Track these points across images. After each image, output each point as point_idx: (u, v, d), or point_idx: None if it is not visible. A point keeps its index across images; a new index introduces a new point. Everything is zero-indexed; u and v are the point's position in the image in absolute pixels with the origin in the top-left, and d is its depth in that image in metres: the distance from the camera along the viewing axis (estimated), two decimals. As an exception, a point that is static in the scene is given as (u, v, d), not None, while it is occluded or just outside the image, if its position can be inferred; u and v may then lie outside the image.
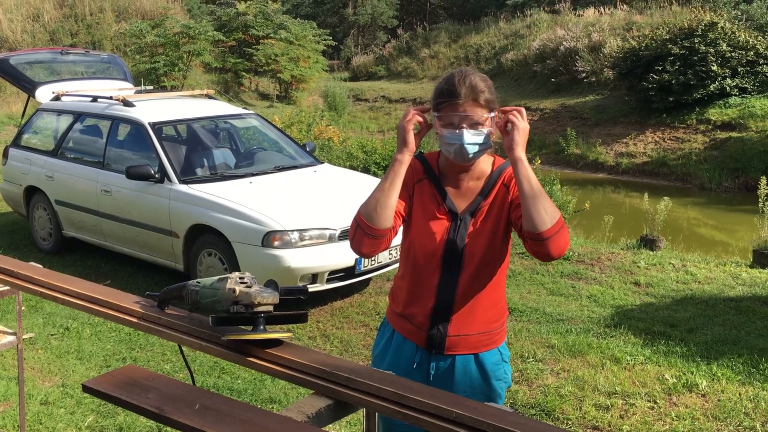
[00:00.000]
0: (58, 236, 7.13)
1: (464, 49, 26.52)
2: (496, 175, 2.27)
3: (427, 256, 2.23)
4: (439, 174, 2.29)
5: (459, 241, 2.21)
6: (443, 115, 2.16)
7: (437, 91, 2.20)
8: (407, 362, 2.31)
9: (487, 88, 2.17)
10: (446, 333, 2.26)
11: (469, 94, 2.13)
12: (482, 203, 2.24)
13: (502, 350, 2.36)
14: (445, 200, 2.25)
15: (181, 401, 1.79)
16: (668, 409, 4.07)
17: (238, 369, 4.54)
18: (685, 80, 15.51)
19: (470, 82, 2.14)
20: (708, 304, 5.90)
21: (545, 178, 9.07)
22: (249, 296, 1.98)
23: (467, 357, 2.29)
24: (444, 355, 2.28)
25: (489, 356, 2.31)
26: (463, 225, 2.22)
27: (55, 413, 3.94)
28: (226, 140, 7.23)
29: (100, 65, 8.89)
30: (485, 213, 2.23)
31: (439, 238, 2.22)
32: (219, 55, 22.43)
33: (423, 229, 2.24)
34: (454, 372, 2.29)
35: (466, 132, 2.13)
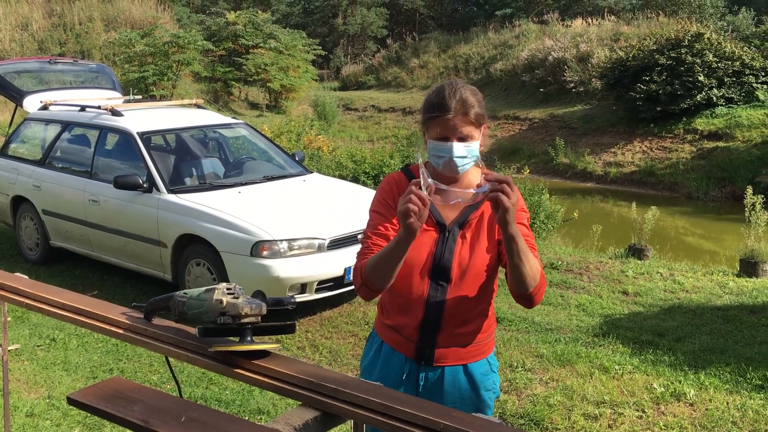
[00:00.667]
0: (45, 246, 7.08)
1: (453, 59, 26.65)
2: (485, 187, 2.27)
3: (416, 268, 2.21)
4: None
5: (447, 253, 2.20)
6: (433, 128, 2.15)
7: (427, 103, 2.20)
8: (396, 374, 2.30)
9: (477, 102, 2.16)
10: (435, 344, 2.25)
11: (460, 108, 2.12)
12: (471, 216, 2.23)
13: (490, 360, 2.36)
14: (433, 213, 2.23)
15: (166, 413, 1.78)
16: (656, 418, 4.08)
17: (226, 380, 4.52)
18: (672, 90, 15.65)
19: (461, 96, 2.13)
20: (695, 313, 5.93)
21: (534, 188, 9.11)
22: (236, 307, 1.97)
23: (456, 368, 2.28)
24: (433, 366, 2.28)
25: (478, 367, 2.30)
26: (451, 237, 2.21)
27: (41, 425, 3.90)
28: (215, 150, 7.22)
29: (88, 74, 8.86)
30: (474, 225, 2.23)
31: (427, 250, 2.21)
32: (208, 64, 22.43)
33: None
34: (443, 383, 2.28)
35: (456, 145, 2.12)
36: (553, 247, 8.37)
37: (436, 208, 2.24)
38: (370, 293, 2.22)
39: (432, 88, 2.24)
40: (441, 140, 2.13)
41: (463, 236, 2.22)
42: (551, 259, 7.46)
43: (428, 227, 2.23)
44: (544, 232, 8.80)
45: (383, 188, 2.32)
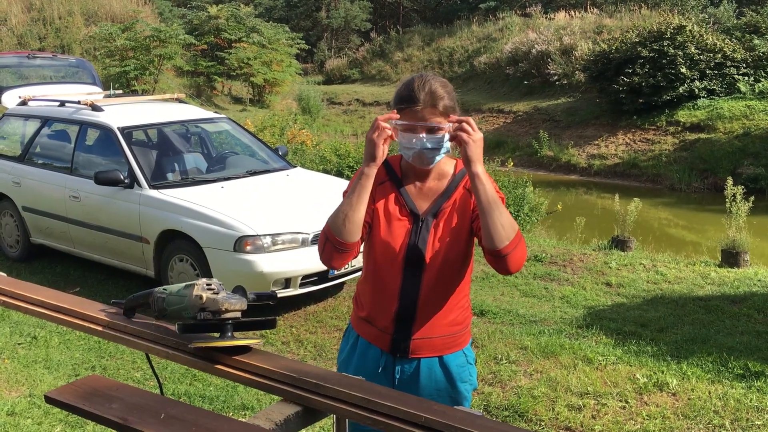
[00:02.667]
0: (25, 243, 7.01)
1: (437, 53, 26.64)
2: (459, 177, 2.27)
3: (389, 259, 2.22)
4: (401, 176, 2.29)
5: (420, 243, 2.20)
6: (402, 121, 2.15)
7: (397, 95, 2.21)
8: (372, 367, 2.30)
9: (446, 94, 2.17)
10: (410, 336, 2.25)
11: (429, 100, 2.14)
12: (444, 205, 2.23)
13: (466, 352, 2.36)
14: (407, 202, 2.24)
15: (145, 411, 1.76)
16: (639, 408, 4.11)
17: (209, 376, 4.49)
18: (655, 82, 15.74)
19: (430, 88, 2.15)
20: (678, 304, 5.98)
21: (518, 181, 9.13)
22: (216, 303, 1.95)
23: (432, 360, 2.28)
24: (408, 358, 2.28)
25: (454, 358, 2.30)
26: (425, 227, 2.22)
27: (22, 424, 3.86)
28: (197, 145, 7.17)
29: (68, 69, 8.77)
30: (447, 214, 2.23)
31: (400, 240, 2.21)
32: (191, 58, 22.26)
33: (385, 231, 2.23)
34: (419, 375, 2.28)
35: (425, 137, 2.13)
36: (537, 239, 8.39)
37: (410, 198, 2.25)
38: (333, 251, 2.16)
39: (402, 82, 2.25)
40: (410, 132, 2.14)
41: (436, 225, 2.22)
42: (535, 252, 7.49)
43: (402, 217, 2.23)
44: (529, 224, 8.83)
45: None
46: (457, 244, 2.23)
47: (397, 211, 2.24)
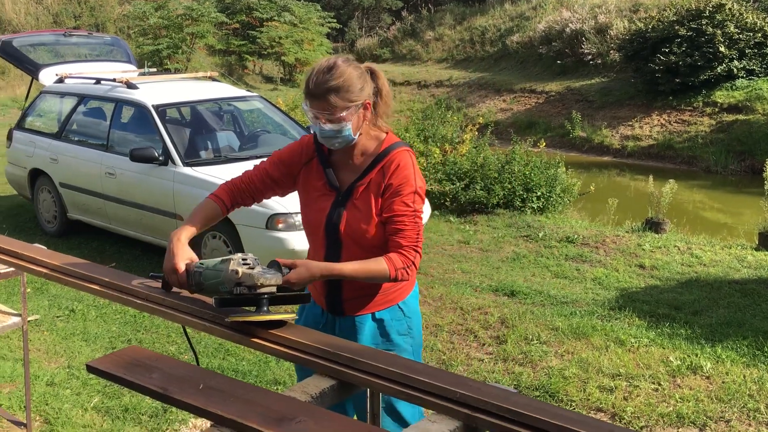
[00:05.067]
0: (62, 219, 7.14)
1: (469, 32, 26.34)
2: (379, 158, 2.31)
3: (314, 230, 2.35)
4: (329, 152, 2.37)
5: (336, 218, 2.30)
6: (306, 106, 2.25)
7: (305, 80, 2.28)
8: (315, 323, 2.41)
9: (344, 86, 2.19)
10: (341, 297, 2.37)
11: (322, 93, 2.17)
12: (357, 183, 2.31)
13: (402, 306, 2.43)
14: (329, 178, 2.34)
15: (184, 381, 1.80)
16: (672, 391, 4.08)
17: (242, 350, 4.55)
18: (692, 62, 15.38)
19: (320, 80, 2.18)
20: (713, 287, 5.89)
21: (550, 161, 9.03)
22: (252, 278, 1.98)
23: (364, 316, 2.38)
24: (344, 316, 2.39)
25: (387, 312, 2.39)
26: (341, 202, 2.31)
27: (61, 394, 3.96)
28: (229, 123, 7.21)
29: (103, 47, 8.86)
30: (360, 193, 2.30)
31: (322, 214, 2.32)
32: (222, 37, 22.32)
33: (311, 205, 2.36)
34: (356, 332, 2.38)
35: (323, 125, 2.21)
36: (569, 220, 8.32)
37: (333, 175, 2.34)
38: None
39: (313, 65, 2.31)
40: (313, 118, 2.23)
41: (351, 203, 2.30)
42: (567, 233, 7.42)
43: (325, 192, 2.34)
44: (560, 205, 8.74)
45: (291, 147, 2.43)
46: (370, 219, 2.28)
47: (321, 186, 2.35)
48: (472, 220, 8.10)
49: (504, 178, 8.37)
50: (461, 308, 5.34)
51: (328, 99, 2.18)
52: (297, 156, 2.39)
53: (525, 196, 8.33)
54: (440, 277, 6.13)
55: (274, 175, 2.40)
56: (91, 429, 3.63)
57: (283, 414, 1.64)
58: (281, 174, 2.40)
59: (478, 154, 8.95)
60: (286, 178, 2.40)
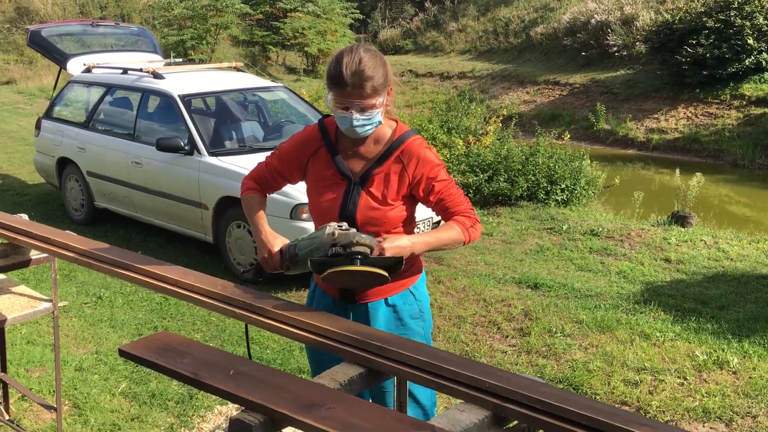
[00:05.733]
0: (90, 207, 7.23)
1: (493, 23, 26.15)
2: (394, 145, 2.34)
3: (328, 217, 2.32)
4: (336, 140, 2.36)
5: (351, 206, 2.31)
6: (333, 98, 2.23)
7: (328, 73, 2.25)
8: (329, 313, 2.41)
9: (375, 73, 2.21)
10: None
11: (357, 82, 2.18)
12: (374, 171, 2.32)
13: (413, 290, 2.45)
14: (340, 167, 2.33)
15: (215, 367, 1.82)
16: (698, 385, 4.04)
17: (267, 339, 4.59)
18: (720, 54, 15.14)
19: (357, 69, 2.17)
20: (740, 282, 5.82)
21: (575, 153, 8.96)
22: (347, 236, 2.06)
23: (378, 302, 2.39)
24: (357, 303, 2.39)
25: (399, 297, 2.41)
26: (356, 190, 2.31)
27: (90, 379, 4.02)
28: (254, 113, 7.24)
29: (129, 38, 8.93)
30: (376, 181, 2.32)
31: (336, 203, 2.32)
32: (246, 28, 22.40)
33: (322, 194, 2.35)
34: (368, 318, 2.39)
35: (355, 115, 2.22)
36: (594, 213, 8.25)
37: (343, 163, 2.34)
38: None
39: (333, 55, 2.28)
40: (341, 110, 2.22)
41: (366, 190, 2.31)
42: (591, 226, 7.37)
43: (336, 181, 2.34)
44: (585, 198, 8.68)
45: (296, 140, 2.43)
46: (389, 210, 2.31)
47: (331, 174, 2.34)
48: (496, 212, 8.06)
49: (528, 170, 8.32)
50: (484, 300, 5.33)
51: (364, 87, 2.18)
52: (303, 147, 2.39)
53: (549, 189, 8.28)
54: (463, 269, 6.12)
55: (281, 169, 2.43)
56: (118, 414, 3.69)
57: (312, 401, 1.66)
58: (289, 168, 2.41)
59: (502, 146, 8.90)
60: (294, 171, 2.41)
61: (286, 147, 2.43)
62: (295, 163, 2.39)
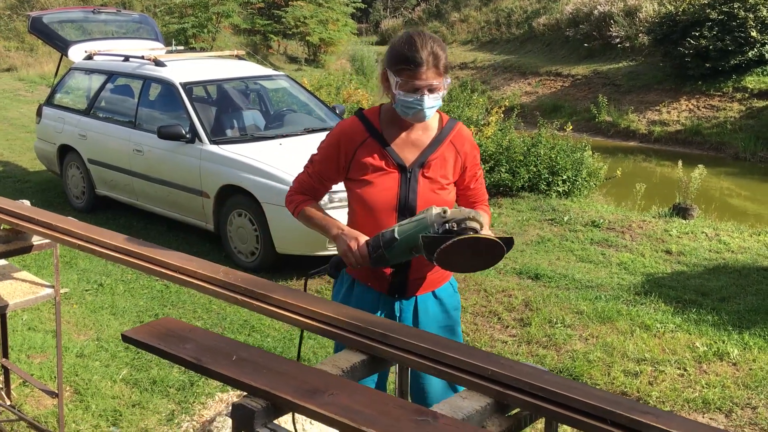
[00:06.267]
0: (90, 195, 7.23)
1: (495, 13, 26.06)
2: (446, 131, 2.39)
3: (385, 210, 2.32)
4: (381, 130, 2.36)
5: (411, 194, 2.32)
6: (404, 80, 2.22)
7: (398, 55, 2.25)
8: (371, 308, 2.39)
9: (444, 54, 2.26)
10: (407, 277, 2.38)
11: (432, 61, 2.21)
12: (430, 157, 2.34)
13: (452, 282, 2.53)
14: (393, 156, 2.34)
15: (218, 352, 1.82)
16: (698, 376, 4.05)
17: (267, 327, 4.60)
18: (723, 46, 15.09)
19: (431, 49, 2.21)
20: (741, 274, 5.82)
21: (576, 145, 8.94)
22: (461, 212, 2.05)
23: (426, 295, 2.43)
24: (407, 298, 2.41)
25: (443, 290, 2.47)
26: (413, 177, 2.33)
27: (91, 365, 4.03)
28: (255, 101, 7.22)
29: (131, 25, 8.90)
30: (433, 167, 2.34)
31: (392, 192, 2.32)
32: (247, 17, 22.30)
33: (376, 185, 2.33)
34: (417, 312, 2.42)
35: (427, 97, 2.22)
36: (595, 205, 8.25)
37: (395, 152, 2.35)
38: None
39: (401, 38, 2.29)
40: (412, 92, 2.23)
41: (423, 176, 2.34)
42: (593, 217, 7.37)
43: (390, 169, 2.33)
44: (586, 189, 8.67)
45: (334, 137, 2.40)
46: (445, 193, 2.37)
47: (383, 164, 2.33)
48: (497, 202, 8.06)
49: (529, 161, 8.31)
50: (485, 290, 5.33)
51: (438, 66, 2.22)
52: (346, 142, 2.35)
53: (550, 180, 8.28)
54: (464, 259, 6.11)
55: (324, 172, 2.41)
56: (120, 400, 3.70)
57: (315, 387, 1.66)
58: (335, 166, 2.38)
59: (504, 137, 8.88)
60: (340, 169, 2.39)
61: (325, 147, 2.41)
62: (341, 160, 2.36)
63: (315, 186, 2.44)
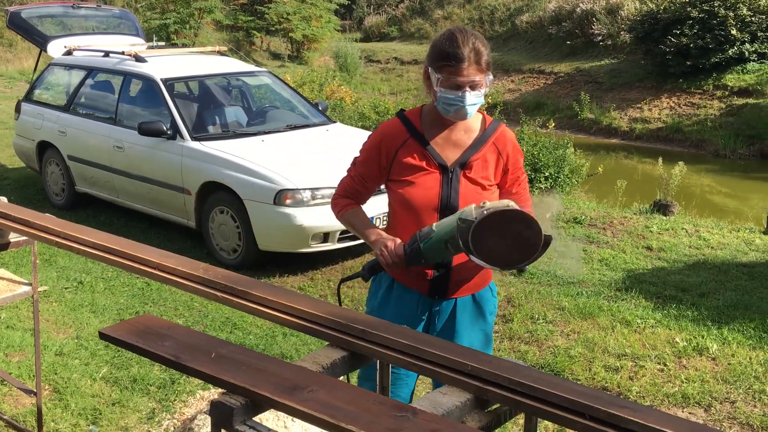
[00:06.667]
0: (70, 192, 7.15)
1: (478, 11, 26.11)
2: (489, 132, 2.37)
3: (426, 210, 2.31)
4: (422, 130, 2.34)
5: (453, 194, 2.31)
6: (445, 77, 2.21)
7: (441, 52, 2.23)
8: (411, 310, 2.40)
9: (486, 51, 2.25)
10: (449, 279, 2.37)
11: (474, 57, 2.20)
12: (472, 157, 2.33)
13: (491, 286, 2.51)
14: (435, 156, 2.32)
15: (197, 349, 1.80)
16: (678, 371, 4.09)
17: (249, 324, 4.58)
18: (704, 44, 15.23)
19: (473, 46, 2.20)
20: (720, 270, 5.88)
21: (558, 142, 8.99)
22: (501, 202, 2.05)
23: (466, 298, 2.42)
24: (447, 299, 2.40)
25: (483, 293, 2.46)
26: (455, 177, 2.32)
27: (70, 364, 3.99)
28: (238, 98, 7.19)
29: (111, 20, 8.81)
30: (475, 167, 2.33)
31: (434, 192, 2.31)
32: (230, 12, 22.17)
33: (418, 185, 2.32)
34: (455, 313, 2.41)
35: (469, 94, 2.22)
36: (577, 201, 8.30)
37: (435, 151, 2.33)
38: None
39: (443, 35, 2.28)
40: (454, 89, 2.21)
41: (465, 176, 2.33)
42: (575, 214, 7.41)
43: (431, 169, 2.32)
44: (569, 186, 8.72)
45: (376, 139, 2.40)
46: (487, 195, 2.33)
47: (425, 164, 2.32)
48: (479, 199, 8.08)
49: (512, 158, 8.33)
50: (468, 287, 5.34)
51: (480, 62, 2.21)
52: (387, 143, 2.35)
53: (533, 176, 8.31)
54: (447, 256, 6.13)
55: (368, 174, 2.42)
56: (99, 398, 3.66)
57: (295, 383, 1.65)
58: (377, 168, 2.39)
59: (487, 134, 8.90)
60: (382, 171, 2.39)
61: (366, 150, 2.42)
62: (383, 161, 2.36)
63: (358, 189, 2.46)
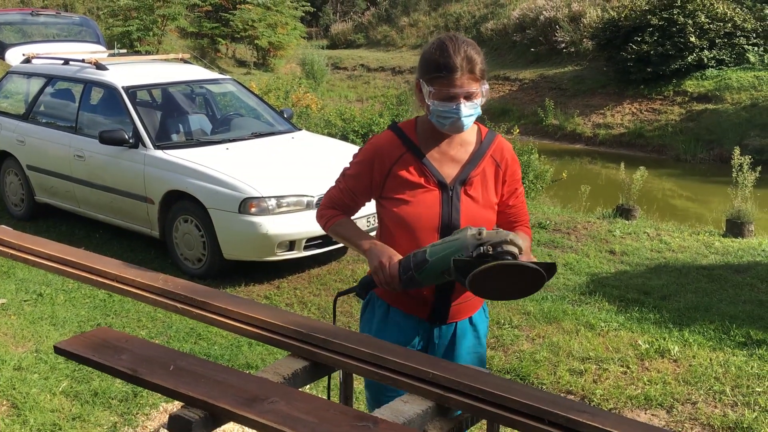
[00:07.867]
0: (30, 202, 7.01)
1: (444, 18, 26.31)
2: (485, 145, 2.25)
3: (426, 230, 2.17)
4: (419, 144, 2.21)
5: (454, 212, 2.18)
6: (437, 89, 2.08)
7: (431, 62, 2.10)
8: (410, 337, 2.28)
9: (480, 58, 2.12)
10: (450, 303, 2.26)
11: (466, 66, 2.07)
12: (472, 173, 2.21)
13: (484, 307, 2.43)
14: (433, 172, 2.19)
15: (155, 362, 1.78)
16: (641, 373, 4.14)
17: (214, 335, 4.53)
18: (664, 51, 15.55)
19: (465, 54, 2.08)
20: (681, 272, 5.99)
21: (523, 148, 9.09)
22: (499, 235, 1.89)
23: (464, 322, 2.33)
24: (446, 324, 2.30)
25: (477, 315, 2.37)
26: (455, 195, 2.19)
27: (29, 378, 3.90)
28: (202, 106, 7.12)
29: (72, 28, 8.68)
30: (475, 183, 2.21)
31: (433, 210, 2.18)
32: (195, 20, 22.00)
33: (416, 204, 2.18)
34: (455, 338, 2.31)
35: (463, 106, 2.08)
36: (542, 207, 8.38)
37: (434, 167, 2.20)
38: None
39: (432, 44, 2.15)
40: (447, 101, 2.08)
41: (466, 193, 2.20)
42: (539, 219, 7.48)
43: (429, 186, 2.19)
44: (533, 192, 8.81)
45: (369, 152, 2.25)
46: (488, 211, 2.23)
47: (423, 181, 2.19)
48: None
49: (477, 164, 8.39)
50: (434, 293, 5.35)
51: (474, 71, 2.08)
52: (381, 157, 2.20)
53: (498, 183, 8.37)
54: (413, 262, 6.14)
55: (358, 188, 2.26)
56: (59, 413, 3.59)
57: (255, 395, 1.64)
58: (368, 183, 2.24)
59: (452, 140, 8.96)
60: (374, 186, 2.24)
61: (358, 163, 2.26)
62: (375, 177, 2.21)
63: (346, 202, 2.30)
